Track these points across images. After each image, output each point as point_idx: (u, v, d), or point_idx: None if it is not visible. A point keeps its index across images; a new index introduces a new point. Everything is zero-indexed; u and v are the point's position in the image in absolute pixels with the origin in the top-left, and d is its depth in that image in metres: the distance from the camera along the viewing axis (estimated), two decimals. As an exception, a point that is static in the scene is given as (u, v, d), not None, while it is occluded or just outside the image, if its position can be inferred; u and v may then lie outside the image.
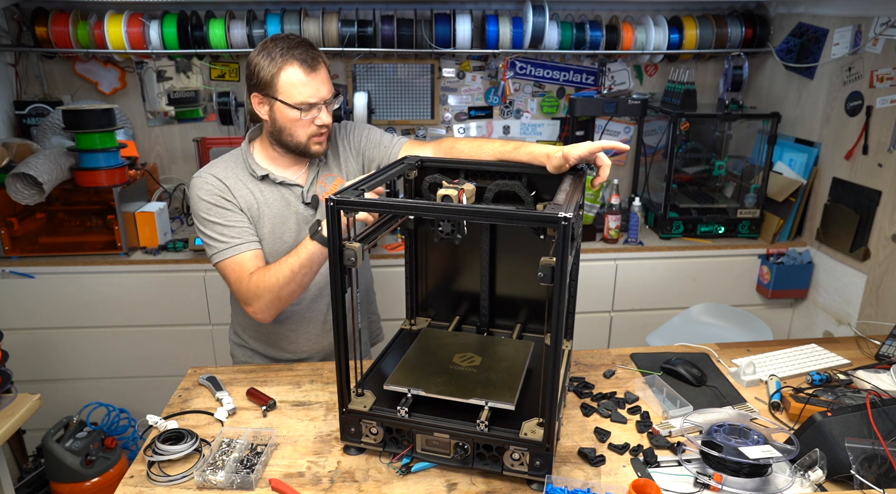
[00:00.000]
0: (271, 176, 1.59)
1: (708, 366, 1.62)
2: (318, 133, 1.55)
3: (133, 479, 1.22)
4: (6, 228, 2.44)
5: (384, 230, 1.29)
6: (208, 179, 1.55)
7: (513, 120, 3.04)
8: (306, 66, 1.48)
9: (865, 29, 2.34)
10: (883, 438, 1.21)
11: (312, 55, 1.49)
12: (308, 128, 1.53)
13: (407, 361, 1.33)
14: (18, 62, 2.73)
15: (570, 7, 2.87)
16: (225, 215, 1.53)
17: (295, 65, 1.47)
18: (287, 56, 1.47)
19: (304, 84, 1.48)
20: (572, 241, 1.10)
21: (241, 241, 1.53)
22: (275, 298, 1.49)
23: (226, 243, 1.52)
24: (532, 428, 1.14)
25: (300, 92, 1.48)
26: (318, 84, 1.49)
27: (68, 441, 2.08)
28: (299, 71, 1.47)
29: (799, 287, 2.68)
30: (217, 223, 1.53)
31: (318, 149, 1.57)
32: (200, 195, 1.54)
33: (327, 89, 1.52)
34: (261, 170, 1.59)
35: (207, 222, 1.53)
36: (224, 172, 1.58)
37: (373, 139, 1.69)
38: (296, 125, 1.52)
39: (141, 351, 2.57)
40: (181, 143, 2.94)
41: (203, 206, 1.53)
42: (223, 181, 1.55)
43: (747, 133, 2.86)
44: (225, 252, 1.52)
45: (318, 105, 1.51)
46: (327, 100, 1.53)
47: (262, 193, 1.59)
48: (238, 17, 2.66)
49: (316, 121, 1.53)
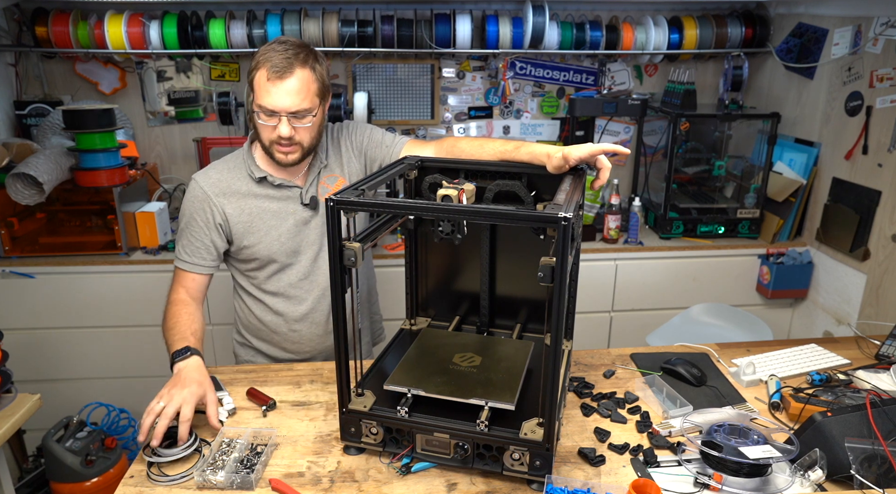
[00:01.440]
0: (269, 178, 1.60)
1: (708, 366, 1.62)
2: (278, 142, 1.49)
3: (133, 479, 1.22)
4: (6, 228, 2.44)
5: (384, 230, 1.29)
6: (202, 185, 1.59)
7: (513, 120, 3.04)
8: (273, 72, 1.42)
9: (865, 29, 2.34)
10: (883, 438, 1.21)
11: (287, 64, 1.43)
12: (270, 134, 1.49)
13: (407, 361, 1.33)
14: (18, 62, 2.73)
15: (570, 7, 2.87)
16: (193, 230, 1.60)
17: (265, 68, 1.43)
18: (264, 57, 1.44)
19: (265, 89, 1.44)
20: (572, 241, 1.10)
21: (186, 259, 1.60)
22: (163, 318, 1.57)
23: (179, 251, 1.61)
24: (532, 428, 1.14)
25: (261, 96, 1.45)
26: (280, 94, 1.43)
27: (68, 441, 2.08)
28: (265, 75, 1.43)
29: (799, 287, 2.68)
30: (185, 233, 1.61)
31: (281, 158, 1.52)
32: (187, 198, 1.61)
33: (292, 102, 1.44)
34: (259, 172, 1.59)
35: (180, 226, 1.63)
36: (220, 176, 1.60)
37: (374, 139, 1.68)
38: (261, 128, 1.50)
39: (141, 351, 2.57)
40: (181, 143, 2.94)
41: (185, 210, 1.61)
42: (209, 191, 1.58)
43: (747, 133, 2.86)
44: (176, 261, 1.62)
45: (277, 115, 1.46)
46: (294, 112, 1.46)
47: (258, 195, 1.60)
48: (238, 17, 2.66)
49: (276, 130, 1.48)
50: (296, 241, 1.63)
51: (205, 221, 1.59)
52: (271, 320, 1.70)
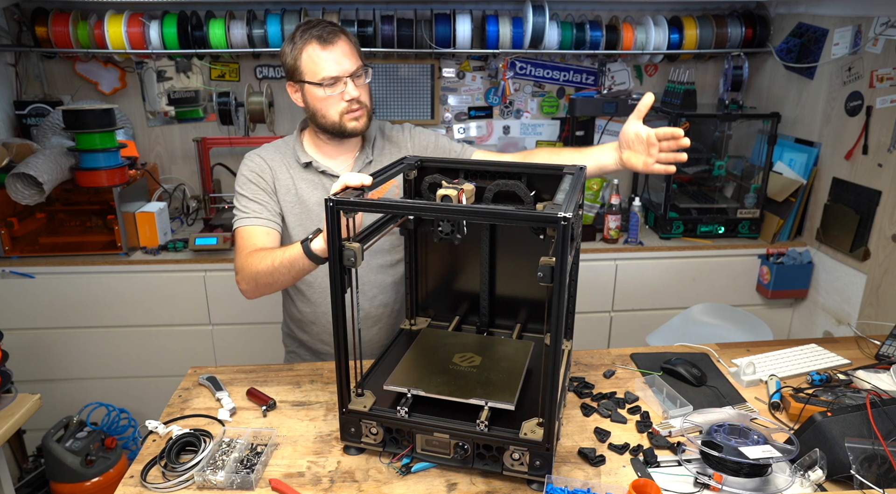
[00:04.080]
0: (314, 164, 1.62)
1: (708, 366, 1.62)
2: (349, 109, 1.53)
3: (133, 479, 1.22)
4: (6, 228, 2.44)
5: (384, 230, 1.29)
6: (253, 159, 1.62)
7: (513, 120, 3.04)
8: (322, 41, 1.48)
9: (865, 29, 2.34)
10: (883, 438, 1.21)
11: (330, 30, 1.49)
12: (338, 104, 1.52)
13: (407, 361, 1.33)
14: (18, 62, 2.73)
15: (570, 7, 2.87)
16: (253, 190, 1.59)
17: (312, 42, 1.49)
18: (305, 37, 1.50)
19: (322, 59, 1.49)
20: (572, 241, 1.10)
21: (257, 215, 1.57)
22: (252, 280, 1.49)
23: (244, 214, 1.58)
24: (532, 428, 1.14)
25: (320, 68, 1.49)
26: (337, 57, 1.49)
27: (68, 441, 2.08)
28: (316, 47, 1.49)
29: (799, 287, 2.68)
30: (244, 196, 1.59)
31: (356, 125, 1.55)
32: (242, 171, 1.62)
33: (350, 62, 1.50)
34: (305, 157, 1.62)
35: (238, 194, 1.60)
36: (271, 155, 1.63)
37: (442, 145, 1.70)
38: (325, 104, 1.53)
39: (141, 351, 2.57)
40: (181, 143, 2.94)
41: (241, 180, 1.61)
42: (268, 163, 1.61)
43: (747, 133, 2.86)
44: (239, 221, 1.58)
45: (342, 78, 1.50)
46: (353, 72, 1.51)
47: (304, 180, 1.62)
48: (238, 17, 2.66)
49: (343, 96, 1.51)
50: None
51: (265, 187, 1.60)
52: (309, 311, 1.71)
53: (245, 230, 1.56)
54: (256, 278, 1.47)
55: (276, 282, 1.45)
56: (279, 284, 1.47)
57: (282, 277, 1.43)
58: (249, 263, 1.48)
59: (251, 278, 1.48)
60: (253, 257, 1.48)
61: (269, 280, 1.45)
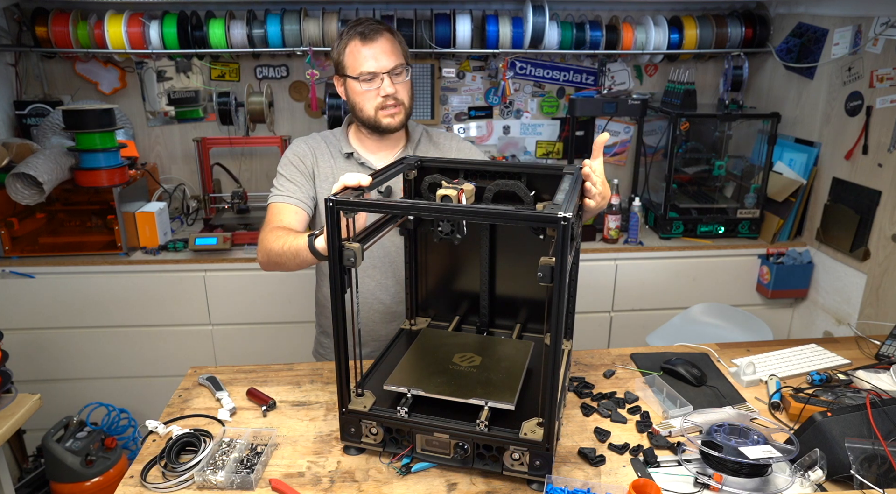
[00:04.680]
0: (355, 155, 1.67)
1: (708, 366, 1.62)
2: (384, 105, 1.57)
3: (133, 479, 1.22)
4: (6, 228, 2.44)
5: (384, 230, 1.29)
6: (299, 144, 1.69)
7: (513, 120, 3.04)
8: (363, 37, 1.54)
9: (865, 29, 2.34)
10: (883, 438, 1.21)
11: (372, 28, 1.55)
12: (374, 100, 1.57)
13: (407, 361, 1.33)
14: (18, 62, 2.73)
15: (570, 7, 2.87)
16: (291, 171, 1.65)
17: (355, 38, 1.55)
18: (350, 33, 1.57)
19: (361, 54, 1.54)
20: (572, 241, 1.10)
21: (290, 195, 1.62)
22: (266, 255, 1.53)
23: (278, 192, 1.64)
24: (532, 428, 1.14)
25: (359, 63, 1.55)
26: (375, 53, 1.54)
27: (68, 441, 2.08)
28: (357, 43, 1.55)
29: (799, 287, 2.68)
30: (282, 175, 1.66)
31: (390, 122, 1.60)
32: (286, 153, 1.69)
33: (389, 59, 1.55)
34: (348, 147, 1.68)
35: (278, 173, 1.67)
36: (317, 143, 1.70)
37: (473, 156, 1.74)
38: (362, 98, 1.58)
39: (141, 351, 2.57)
40: (181, 143, 2.94)
41: (283, 161, 1.68)
42: (311, 150, 1.67)
43: (747, 133, 2.86)
44: (272, 197, 1.64)
45: (379, 75, 1.55)
46: (391, 69, 1.55)
47: (344, 170, 1.66)
48: (238, 17, 2.66)
49: (379, 92, 1.56)
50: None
51: (303, 171, 1.65)
52: None
53: (275, 206, 1.62)
54: (269, 255, 1.51)
55: (284, 264, 1.49)
56: (286, 267, 1.50)
57: (288, 261, 1.47)
58: (268, 238, 1.52)
59: (265, 253, 1.53)
60: (272, 234, 1.52)
61: (278, 260, 1.49)
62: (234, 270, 2.49)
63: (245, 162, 2.96)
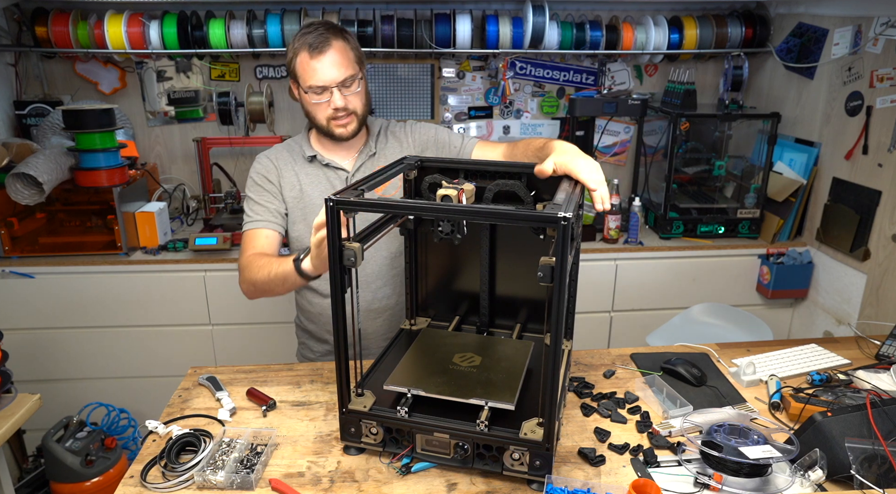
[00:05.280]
0: (318, 157, 1.67)
1: (708, 366, 1.62)
2: (335, 116, 1.57)
3: (133, 479, 1.22)
4: (6, 228, 2.44)
5: (384, 230, 1.29)
6: (260, 161, 1.69)
7: (513, 120, 3.04)
8: (312, 50, 1.52)
9: (865, 29, 2.34)
10: (883, 438, 1.21)
11: (322, 38, 1.52)
12: (325, 111, 1.58)
13: (407, 361, 1.33)
14: (18, 62, 2.73)
15: (570, 7, 2.87)
16: (259, 193, 1.66)
17: (303, 50, 1.53)
18: (299, 42, 1.54)
19: (311, 67, 1.53)
20: (572, 241, 1.10)
21: (261, 219, 1.64)
22: (251, 285, 1.56)
23: (248, 218, 1.66)
24: (532, 428, 1.14)
25: (308, 75, 1.54)
26: (324, 66, 1.52)
27: (68, 441, 2.08)
28: (306, 55, 1.53)
29: (799, 287, 2.68)
30: (250, 198, 1.67)
31: (342, 132, 1.60)
32: (250, 174, 1.70)
33: (338, 71, 1.53)
34: (310, 151, 1.68)
35: (246, 196, 1.69)
36: (278, 154, 1.70)
37: (441, 139, 1.72)
38: (315, 108, 1.59)
39: (141, 351, 2.57)
40: (181, 143, 2.94)
41: (249, 182, 1.70)
42: (274, 163, 1.68)
43: (747, 133, 2.86)
44: (246, 224, 1.66)
45: (328, 88, 1.54)
46: (341, 82, 1.54)
47: (309, 174, 1.67)
48: (238, 17, 2.66)
49: (330, 104, 1.56)
50: None
51: (270, 188, 1.66)
52: (318, 302, 1.75)
53: (248, 234, 1.64)
54: (255, 285, 1.55)
55: (273, 291, 1.53)
56: (275, 293, 1.53)
57: (277, 287, 1.50)
58: (250, 268, 1.54)
59: (250, 284, 1.56)
60: (253, 265, 1.54)
61: (265, 288, 1.53)
62: (234, 270, 2.49)
63: (245, 162, 2.96)
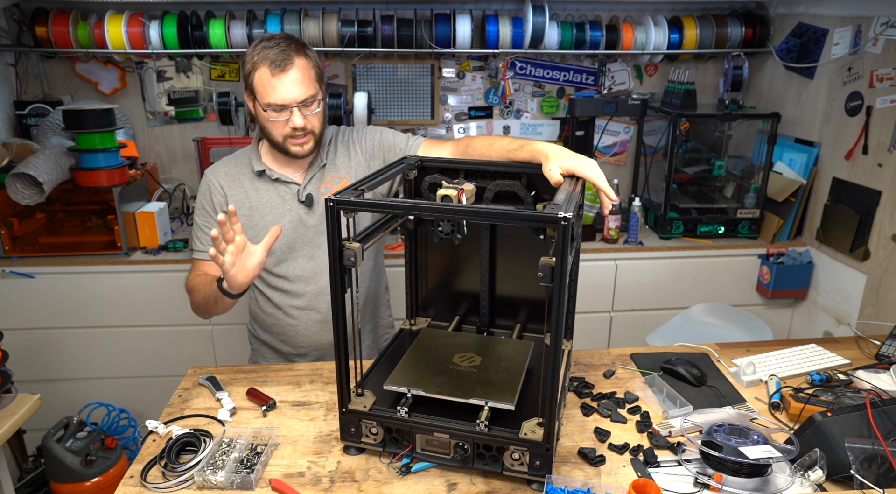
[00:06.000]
0: (268, 172, 1.63)
1: (708, 366, 1.62)
2: (292, 135, 1.53)
3: (133, 479, 1.22)
4: (6, 228, 2.44)
5: (384, 230, 1.29)
6: (205, 181, 1.67)
7: (513, 120, 3.04)
8: (274, 67, 1.45)
9: (865, 29, 2.34)
10: (883, 438, 1.21)
11: (285, 56, 1.46)
12: (283, 129, 1.52)
13: (407, 361, 1.33)
14: (18, 62, 2.73)
15: (570, 7, 2.87)
16: (203, 217, 1.67)
17: (264, 66, 1.46)
18: (260, 56, 1.47)
19: (271, 86, 1.47)
20: (572, 241, 1.10)
21: (203, 248, 1.65)
22: (195, 307, 1.61)
23: (195, 246, 1.68)
24: (532, 428, 1.14)
25: (268, 93, 1.48)
26: (286, 86, 1.47)
27: (68, 441, 2.08)
28: (267, 72, 1.46)
29: (799, 287, 2.68)
30: (197, 224, 1.69)
31: (298, 150, 1.56)
32: (199, 192, 1.69)
33: (299, 91, 1.48)
34: (259, 165, 1.64)
35: (194, 220, 1.71)
36: (226, 169, 1.67)
37: (386, 142, 1.68)
38: (271, 125, 1.53)
39: (141, 351, 2.57)
40: (181, 143, 2.94)
41: (196, 204, 1.70)
42: (219, 181, 1.65)
43: (747, 133, 2.86)
44: (193, 254, 1.69)
45: (288, 107, 1.49)
46: (302, 101, 1.49)
47: (258, 190, 1.64)
48: (238, 17, 2.66)
49: (289, 123, 1.51)
50: (292, 237, 1.64)
51: (213, 210, 1.65)
52: (272, 312, 1.73)
53: (195, 263, 1.68)
54: (199, 307, 1.60)
55: (212, 311, 1.56)
56: (215, 312, 1.56)
57: (213, 307, 1.54)
58: (193, 292, 1.60)
59: (195, 306, 1.61)
60: (195, 289, 1.59)
61: (206, 309, 1.57)
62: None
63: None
